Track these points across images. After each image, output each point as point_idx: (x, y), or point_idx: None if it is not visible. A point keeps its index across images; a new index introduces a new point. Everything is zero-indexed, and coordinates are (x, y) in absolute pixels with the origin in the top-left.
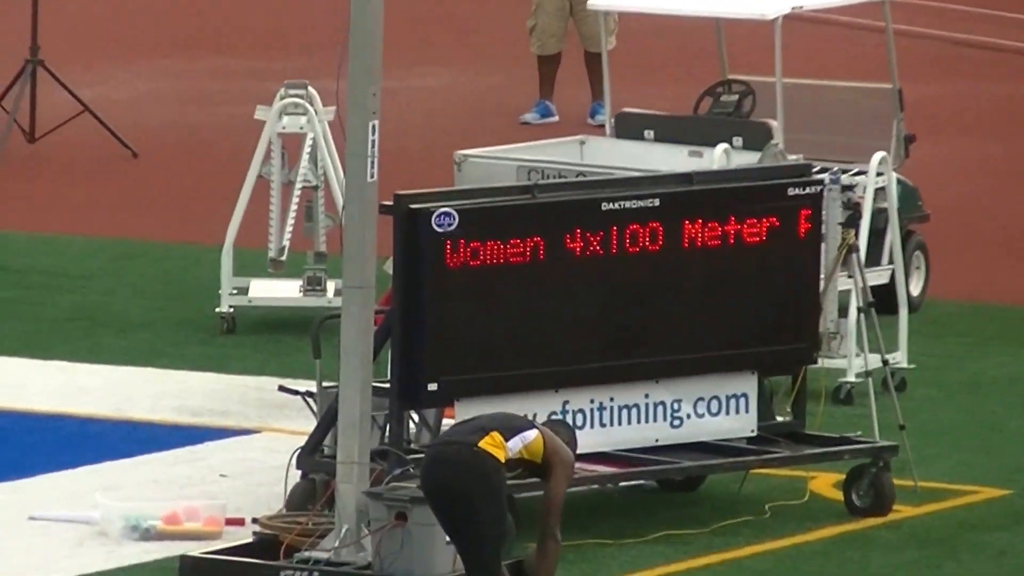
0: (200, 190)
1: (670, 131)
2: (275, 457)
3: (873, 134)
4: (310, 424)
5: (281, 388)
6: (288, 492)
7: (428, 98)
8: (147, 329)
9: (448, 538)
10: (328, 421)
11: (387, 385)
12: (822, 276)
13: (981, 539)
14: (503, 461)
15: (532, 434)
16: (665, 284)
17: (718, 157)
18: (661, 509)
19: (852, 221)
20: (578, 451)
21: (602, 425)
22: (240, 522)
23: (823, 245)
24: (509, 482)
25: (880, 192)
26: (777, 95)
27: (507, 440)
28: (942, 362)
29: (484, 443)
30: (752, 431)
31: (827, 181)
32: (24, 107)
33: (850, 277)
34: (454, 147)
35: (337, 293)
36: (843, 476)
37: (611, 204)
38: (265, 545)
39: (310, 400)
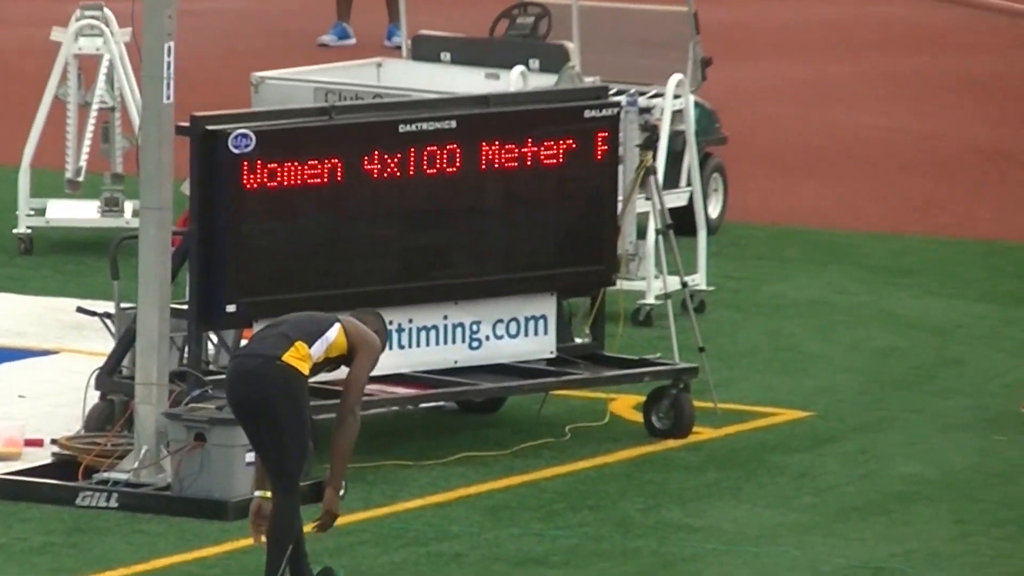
0: None
1: (467, 54)
2: (74, 378)
3: (670, 57)
4: (108, 345)
5: (79, 309)
6: (87, 413)
7: (225, 20)
8: None
9: (253, 451)
10: (127, 342)
11: (186, 307)
12: (620, 198)
13: (781, 461)
14: (307, 374)
15: (334, 332)
16: (463, 206)
17: (514, 79)
18: (461, 431)
19: (650, 143)
20: (377, 372)
21: (401, 347)
22: (39, 443)
23: (621, 167)
24: (312, 404)
25: (677, 115)
26: (573, 17)
27: (311, 347)
28: (741, 284)
29: (288, 356)
30: (551, 353)
31: (624, 103)
32: None
33: (648, 199)
34: (251, 69)
35: (135, 214)
36: (643, 398)
37: (408, 126)
38: (64, 466)
39: (108, 321)
